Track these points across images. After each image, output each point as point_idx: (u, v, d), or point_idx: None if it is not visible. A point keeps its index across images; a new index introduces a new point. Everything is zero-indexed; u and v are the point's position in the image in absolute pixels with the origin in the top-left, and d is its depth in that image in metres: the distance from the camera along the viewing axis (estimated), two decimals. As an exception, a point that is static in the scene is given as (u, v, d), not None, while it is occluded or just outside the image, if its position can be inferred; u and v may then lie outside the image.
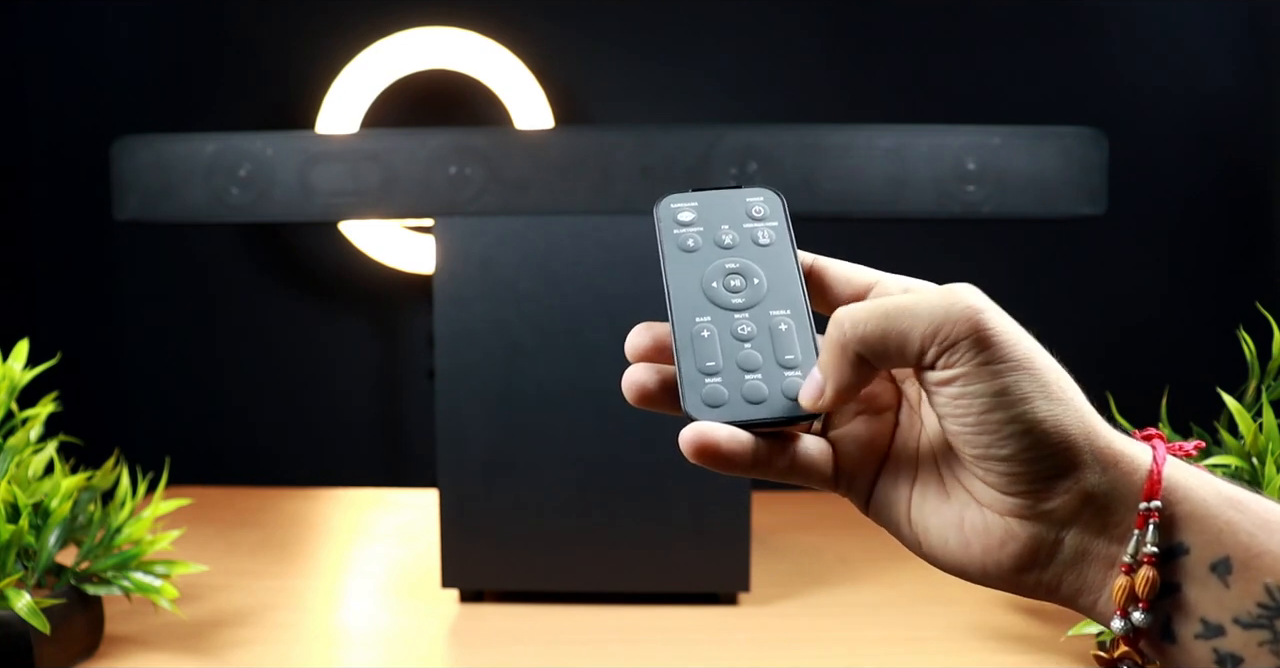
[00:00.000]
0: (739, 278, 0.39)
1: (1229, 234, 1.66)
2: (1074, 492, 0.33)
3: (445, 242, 0.96)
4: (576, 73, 1.67)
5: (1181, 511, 0.33)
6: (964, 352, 0.32)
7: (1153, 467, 0.33)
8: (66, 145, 1.68)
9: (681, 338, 0.37)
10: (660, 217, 0.41)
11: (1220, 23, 1.62)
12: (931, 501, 0.36)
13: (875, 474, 0.37)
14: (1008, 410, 0.32)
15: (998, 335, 0.33)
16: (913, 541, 0.36)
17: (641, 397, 0.37)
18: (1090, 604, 0.34)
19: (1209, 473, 0.34)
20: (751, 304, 0.38)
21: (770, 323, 0.38)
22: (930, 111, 1.66)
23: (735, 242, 0.40)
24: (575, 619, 0.95)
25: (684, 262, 0.39)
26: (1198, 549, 0.32)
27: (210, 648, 0.88)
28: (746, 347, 0.37)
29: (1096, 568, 0.34)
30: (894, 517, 0.37)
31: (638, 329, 0.39)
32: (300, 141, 0.99)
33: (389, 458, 1.77)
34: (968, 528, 0.34)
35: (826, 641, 0.91)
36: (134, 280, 1.73)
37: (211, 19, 1.67)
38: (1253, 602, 0.32)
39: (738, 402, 0.36)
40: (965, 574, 0.35)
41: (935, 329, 0.33)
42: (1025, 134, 0.98)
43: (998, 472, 0.33)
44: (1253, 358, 0.82)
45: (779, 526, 1.22)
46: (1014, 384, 0.32)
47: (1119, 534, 0.33)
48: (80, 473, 0.87)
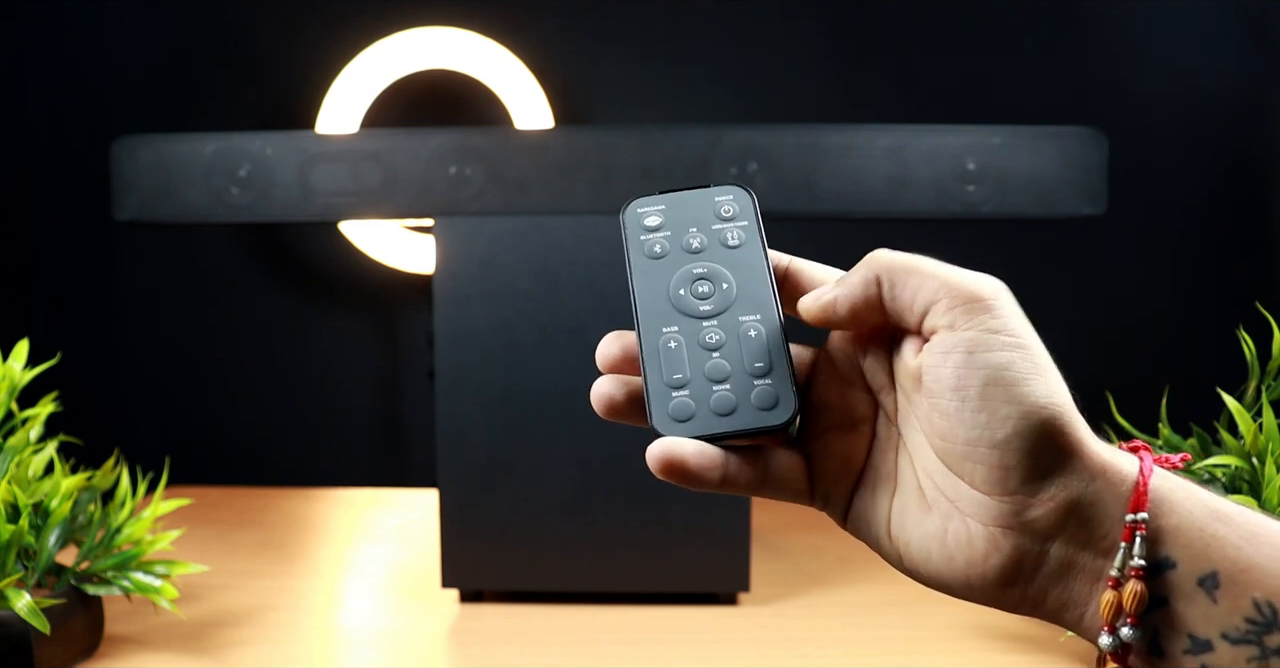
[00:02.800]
0: (707, 283, 0.37)
1: (1229, 234, 1.66)
2: (1059, 500, 0.32)
3: (445, 242, 0.96)
4: (576, 73, 1.67)
5: (1168, 524, 0.32)
6: (976, 314, 0.33)
7: (1139, 478, 0.32)
8: (66, 145, 1.68)
9: (648, 350, 0.36)
10: (626, 222, 0.39)
11: (1220, 23, 1.62)
12: (912, 513, 0.35)
13: (852, 488, 0.37)
14: (1008, 388, 0.32)
15: (1009, 312, 0.33)
16: (893, 555, 0.36)
17: (610, 409, 0.37)
18: (1076, 619, 0.34)
19: (1195, 485, 0.34)
20: (720, 310, 0.37)
21: (739, 330, 0.36)
22: (930, 111, 1.66)
23: (703, 245, 0.38)
24: (575, 619, 0.95)
25: (650, 269, 0.38)
26: (1184, 563, 0.32)
27: (210, 648, 0.88)
28: (715, 356, 0.36)
29: (1082, 582, 0.33)
30: (874, 531, 0.36)
31: (608, 339, 0.38)
32: (300, 141, 0.99)
33: (389, 458, 1.76)
34: (950, 540, 0.34)
35: (826, 641, 0.91)
36: (134, 280, 1.73)
37: (211, 19, 1.67)
38: (1240, 617, 0.31)
39: (706, 415, 0.35)
40: (948, 589, 0.35)
41: (955, 285, 0.34)
42: (1025, 134, 0.98)
43: (988, 464, 0.32)
44: (1253, 358, 0.82)
45: (779, 526, 1.22)
46: (1017, 361, 0.32)
47: (1105, 547, 0.33)
48: (80, 473, 0.87)
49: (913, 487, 0.35)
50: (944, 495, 0.34)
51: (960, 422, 0.33)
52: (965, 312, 0.33)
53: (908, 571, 0.36)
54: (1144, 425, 0.88)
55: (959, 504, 0.34)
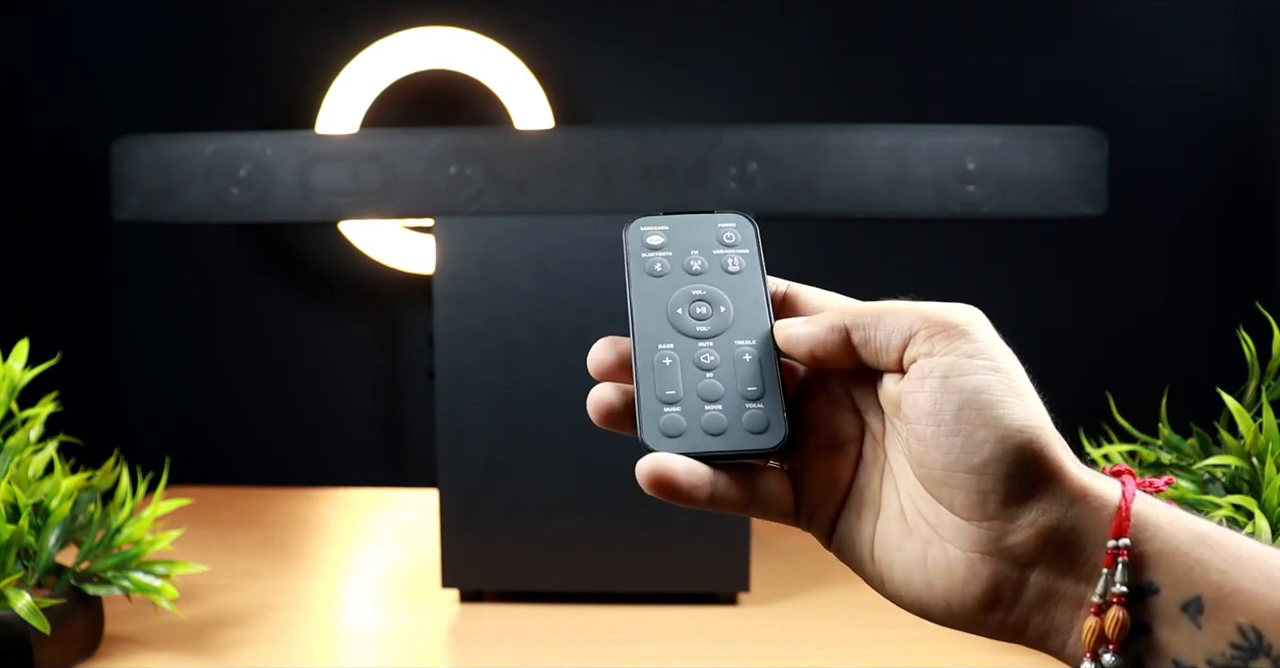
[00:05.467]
0: (705, 305, 0.38)
1: (1229, 234, 1.66)
2: (1038, 525, 0.32)
3: (445, 242, 0.96)
4: (576, 73, 1.67)
5: (1150, 549, 0.32)
6: (953, 340, 0.33)
7: (1121, 503, 0.32)
8: (66, 145, 1.68)
9: (643, 365, 0.37)
10: (629, 240, 0.40)
11: (1220, 23, 1.62)
12: (894, 537, 0.35)
13: (837, 509, 0.37)
14: (983, 411, 0.32)
15: (986, 337, 0.33)
16: (876, 578, 0.36)
17: (606, 417, 0.37)
18: (1059, 646, 0.33)
19: (1178, 509, 0.33)
20: (716, 333, 0.37)
21: (735, 353, 0.37)
22: (930, 111, 1.66)
23: (704, 268, 0.39)
24: (575, 619, 0.95)
25: (650, 286, 0.38)
26: (1168, 589, 0.31)
27: (210, 648, 0.88)
28: (708, 376, 0.36)
29: (1064, 609, 0.33)
30: (857, 553, 0.36)
31: (601, 344, 0.38)
32: (300, 141, 0.99)
33: (389, 458, 1.76)
34: (930, 566, 0.34)
35: (826, 641, 0.91)
36: (134, 280, 1.73)
37: (212, 19, 1.67)
38: (1226, 642, 0.31)
39: (696, 432, 0.35)
40: (930, 615, 0.35)
41: (930, 314, 0.34)
42: (1025, 134, 0.98)
43: (965, 489, 0.32)
44: (1253, 358, 0.82)
45: (779, 526, 1.21)
46: (993, 384, 0.32)
47: (1086, 574, 0.32)
48: (80, 473, 0.87)
49: (895, 511, 0.35)
50: (925, 520, 0.34)
51: (937, 446, 0.33)
52: (944, 338, 0.33)
53: (890, 595, 0.36)
54: (1144, 425, 0.88)
55: (939, 529, 0.34)
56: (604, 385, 0.37)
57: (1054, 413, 0.34)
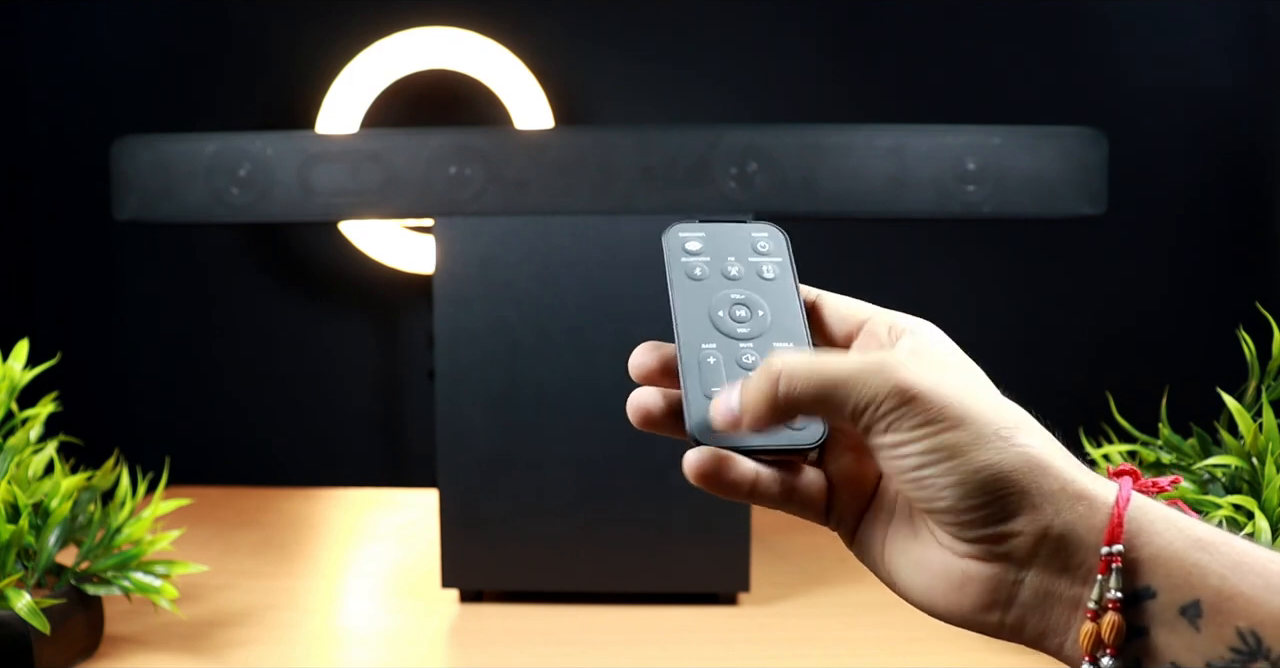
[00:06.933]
0: (744, 309, 0.39)
1: (1228, 234, 1.66)
2: (1029, 533, 0.32)
3: (445, 242, 0.96)
4: (576, 73, 1.67)
5: (1146, 554, 0.32)
6: (895, 419, 0.33)
7: (1114, 509, 0.32)
8: (66, 145, 1.68)
9: (688, 363, 0.38)
10: (668, 244, 0.41)
11: (1220, 22, 1.62)
12: (902, 540, 0.36)
13: (862, 511, 0.38)
14: (939, 465, 0.32)
15: (927, 400, 0.33)
16: (888, 579, 0.37)
17: (646, 420, 0.38)
18: (1057, 647, 0.34)
19: (1176, 512, 0.33)
20: (756, 334, 0.39)
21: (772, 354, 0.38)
22: (930, 111, 1.66)
23: (741, 274, 0.40)
24: (575, 619, 0.95)
25: (691, 289, 0.40)
26: (1165, 593, 0.31)
27: (210, 648, 0.88)
28: (750, 375, 0.37)
29: (1061, 610, 0.33)
30: (873, 554, 0.37)
31: (643, 349, 0.39)
32: (300, 141, 0.99)
33: (389, 458, 1.76)
34: (931, 568, 0.35)
35: (826, 641, 0.91)
36: (134, 280, 1.73)
37: (212, 19, 1.67)
38: (1225, 646, 0.31)
39: None
40: (935, 614, 0.35)
41: (866, 403, 0.33)
42: (1025, 134, 0.98)
43: (944, 522, 0.33)
44: (1253, 358, 0.82)
45: (779, 526, 1.22)
46: (946, 442, 0.32)
47: (1082, 576, 0.32)
48: (80, 473, 0.87)
49: (905, 514, 0.36)
50: (926, 526, 0.35)
51: (908, 497, 0.34)
52: (885, 419, 0.33)
53: (901, 595, 0.37)
54: (1144, 425, 0.88)
55: (936, 535, 0.35)
56: (644, 389, 0.38)
57: (1054, 413, 0.34)
